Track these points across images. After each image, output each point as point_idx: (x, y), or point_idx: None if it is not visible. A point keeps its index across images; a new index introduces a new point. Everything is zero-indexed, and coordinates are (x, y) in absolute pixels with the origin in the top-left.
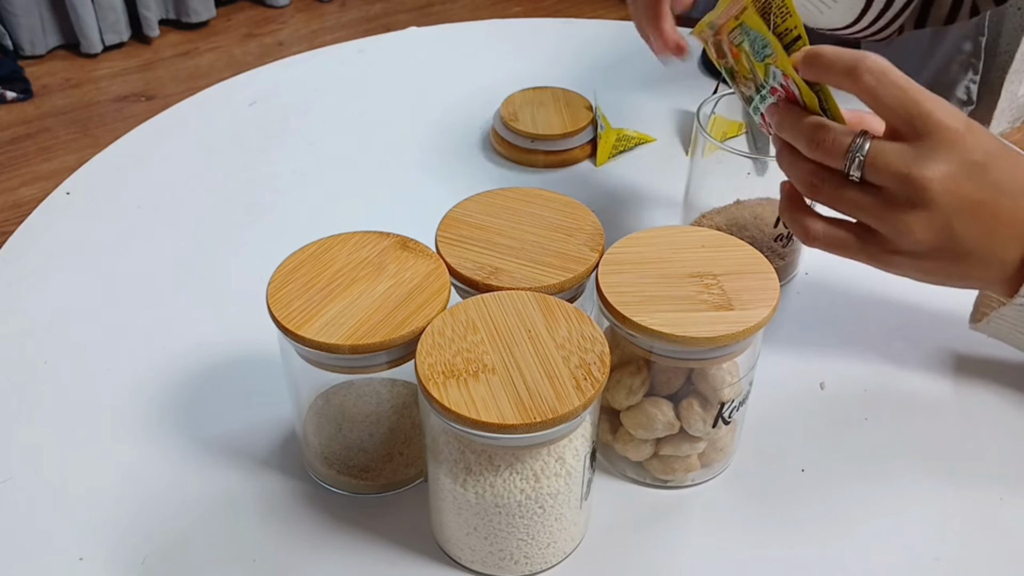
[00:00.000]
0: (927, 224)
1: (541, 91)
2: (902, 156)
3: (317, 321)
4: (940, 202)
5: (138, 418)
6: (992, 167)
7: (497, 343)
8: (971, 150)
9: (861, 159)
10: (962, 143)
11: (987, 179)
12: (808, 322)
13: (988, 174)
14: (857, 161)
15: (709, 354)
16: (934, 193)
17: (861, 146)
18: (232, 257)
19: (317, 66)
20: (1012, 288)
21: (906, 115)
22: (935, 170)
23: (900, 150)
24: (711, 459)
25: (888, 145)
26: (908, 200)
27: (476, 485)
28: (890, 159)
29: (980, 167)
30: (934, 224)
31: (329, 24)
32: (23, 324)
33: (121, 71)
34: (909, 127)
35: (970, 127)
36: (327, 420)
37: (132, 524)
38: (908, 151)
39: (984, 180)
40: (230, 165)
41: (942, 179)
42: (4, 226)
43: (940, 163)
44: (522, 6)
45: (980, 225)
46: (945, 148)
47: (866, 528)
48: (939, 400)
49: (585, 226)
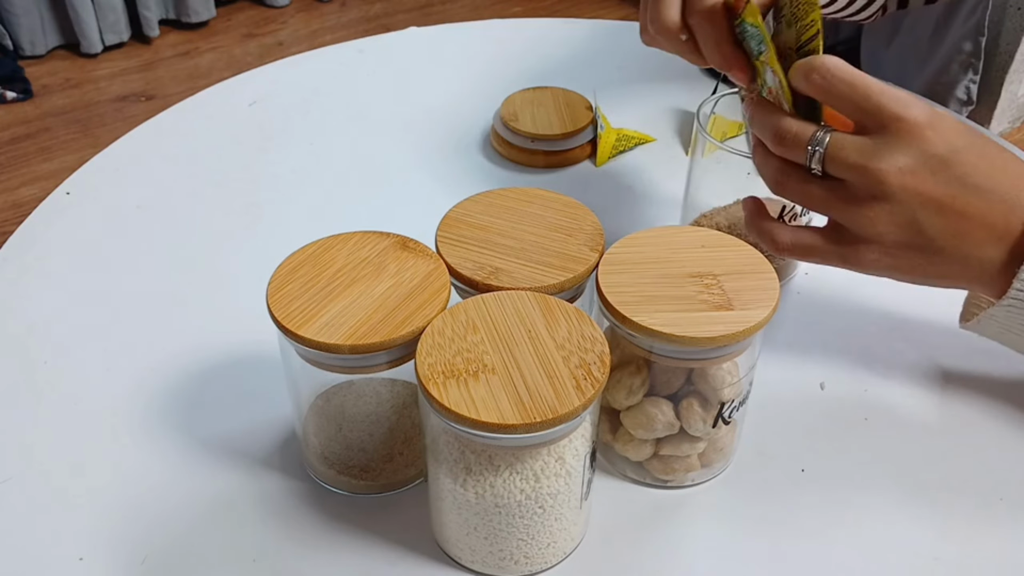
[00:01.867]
0: (889, 217)
1: (541, 91)
2: (860, 149)
3: (317, 321)
4: (899, 195)
5: (138, 418)
6: (957, 162)
7: (497, 343)
8: (931, 144)
9: (821, 152)
10: (920, 136)
11: (951, 174)
12: (808, 322)
13: (952, 169)
14: (817, 155)
15: (709, 354)
16: (892, 186)
17: (821, 140)
18: (232, 257)
19: (317, 66)
20: (998, 289)
21: (858, 110)
22: (891, 163)
23: (859, 143)
24: (711, 459)
25: (848, 139)
26: (868, 193)
27: (476, 485)
28: (847, 152)
29: (942, 161)
30: (896, 218)
31: (329, 24)
32: (23, 324)
33: (121, 71)
34: (867, 121)
35: (933, 121)
36: (327, 420)
37: (132, 524)
38: (867, 144)
39: (948, 175)
40: (230, 165)
41: (899, 172)
42: (4, 226)
43: (898, 156)
44: (522, 6)
45: (948, 222)
46: (903, 141)
47: (866, 528)
48: (939, 400)
49: (585, 226)
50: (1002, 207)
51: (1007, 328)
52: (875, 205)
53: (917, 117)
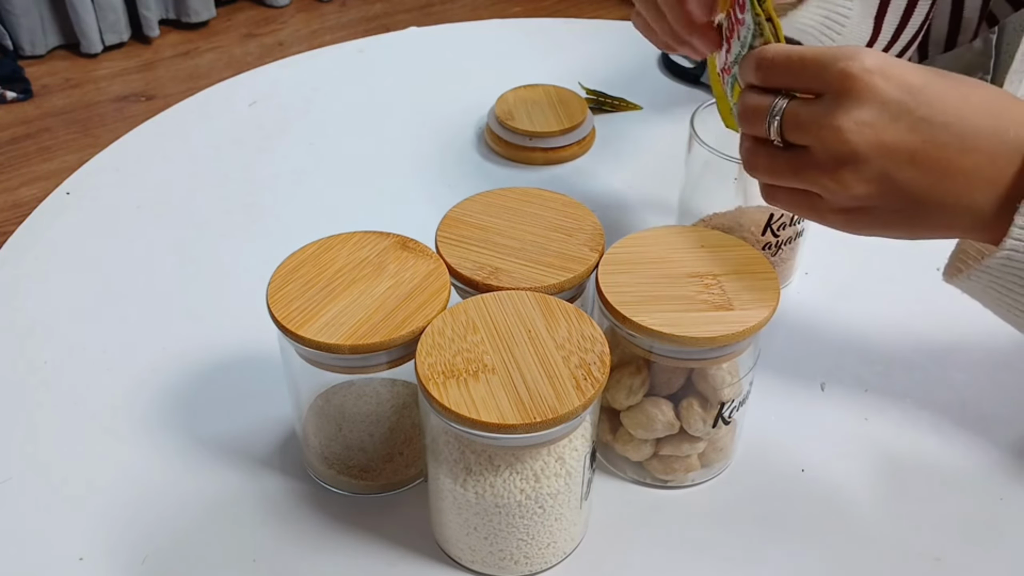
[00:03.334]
0: (859, 176)
1: (533, 89)
2: (813, 111)
3: (317, 321)
4: (863, 151)
5: (138, 418)
6: (919, 102)
7: (497, 343)
8: (885, 90)
9: (779, 121)
10: (871, 85)
11: (914, 117)
12: (808, 322)
13: (915, 111)
14: (775, 124)
15: (709, 354)
16: (853, 143)
17: (779, 108)
18: (232, 257)
19: (317, 66)
20: (991, 234)
21: (805, 80)
22: (846, 118)
23: (812, 105)
24: (711, 459)
25: (800, 105)
26: (831, 156)
27: (476, 485)
28: (802, 116)
29: (901, 105)
30: (866, 175)
31: (329, 24)
32: (23, 324)
33: (121, 71)
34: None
35: (882, 66)
36: (327, 420)
37: (132, 524)
38: (819, 104)
39: (911, 119)
40: (230, 165)
41: (856, 126)
42: (4, 226)
43: (853, 110)
44: (522, 6)
45: (922, 172)
46: (854, 93)
47: (866, 528)
48: (939, 399)
49: (585, 226)
50: (986, 144)
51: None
52: (841, 168)
53: (863, 65)
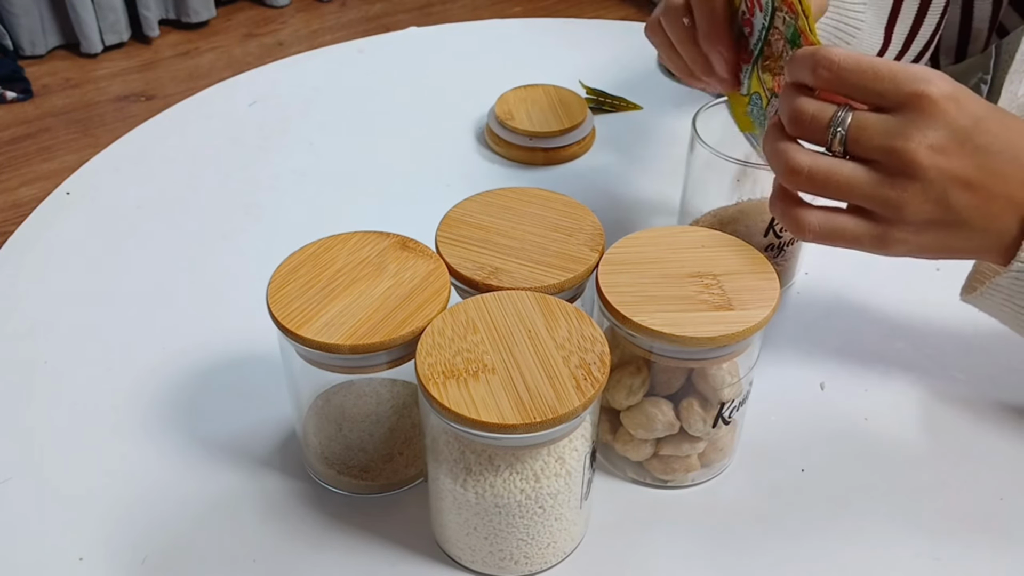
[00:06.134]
0: (923, 196)
1: (532, 89)
2: (885, 129)
3: (317, 321)
4: (930, 174)
5: (138, 418)
6: (980, 131)
7: (497, 343)
8: (956, 117)
9: (843, 134)
10: (945, 110)
11: (975, 144)
12: (808, 322)
13: (976, 139)
14: (839, 136)
15: (709, 354)
16: (923, 166)
17: (843, 120)
18: (232, 257)
19: (317, 66)
20: (1008, 256)
21: (874, 93)
22: (920, 141)
23: (883, 122)
24: (711, 459)
25: (871, 118)
26: (898, 173)
27: (476, 485)
28: (871, 133)
29: (967, 133)
30: (929, 196)
31: (329, 24)
32: (23, 324)
33: (121, 71)
34: (884, 102)
35: (955, 92)
36: (327, 420)
37: (132, 524)
38: (891, 122)
39: (973, 146)
40: (230, 165)
41: (929, 150)
42: (4, 226)
43: (927, 132)
44: (522, 6)
45: (973, 196)
46: (928, 116)
47: (866, 528)
48: (939, 399)
49: (585, 226)
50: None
51: (1010, 298)
52: (907, 185)
53: (940, 90)
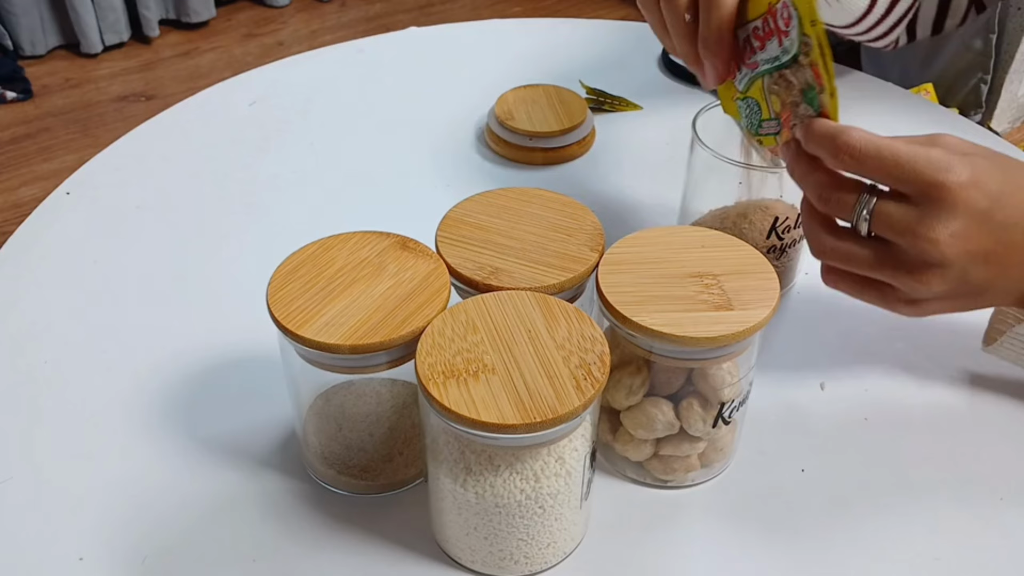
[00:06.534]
0: (942, 278)
1: (532, 89)
2: (907, 218)
3: (317, 321)
4: (952, 259)
5: (138, 418)
6: (998, 208)
7: (497, 343)
8: (975, 202)
9: (867, 218)
10: (965, 198)
11: (995, 222)
12: (808, 322)
13: (995, 216)
14: (864, 220)
15: (709, 354)
16: (945, 254)
17: (867, 203)
18: (232, 257)
19: (317, 66)
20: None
21: (894, 180)
22: (942, 231)
23: (905, 212)
24: (711, 459)
25: (892, 206)
26: (920, 259)
27: (476, 485)
28: (895, 221)
29: (986, 215)
30: (949, 277)
31: (329, 24)
32: (23, 324)
33: (121, 71)
34: (905, 189)
35: (973, 177)
36: (327, 420)
37: (132, 524)
38: (912, 212)
39: (992, 224)
40: (230, 165)
41: (951, 238)
42: (4, 226)
43: (949, 222)
44: (522, 6)
45: (992, 267)
46: (949, 206)
47: (866, 528)
48: (939, 400)
49: (585, 226)
50: None
51: None
52: (928, 271)
53: (959, 179)
